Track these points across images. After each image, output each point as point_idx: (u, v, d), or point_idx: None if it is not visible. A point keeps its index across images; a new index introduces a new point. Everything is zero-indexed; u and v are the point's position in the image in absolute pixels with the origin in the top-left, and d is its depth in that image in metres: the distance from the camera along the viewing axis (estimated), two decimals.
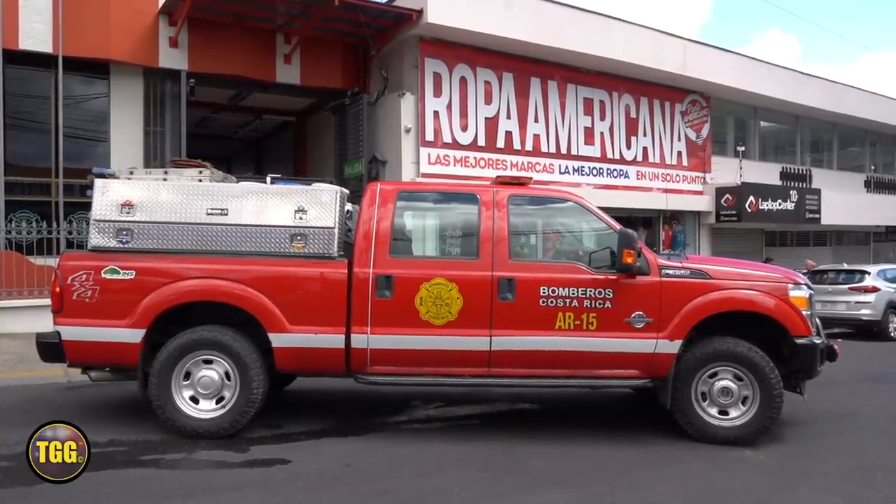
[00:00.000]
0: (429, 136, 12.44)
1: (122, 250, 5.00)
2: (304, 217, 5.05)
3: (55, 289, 5.03)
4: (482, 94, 13.21)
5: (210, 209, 5.03)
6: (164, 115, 11.79)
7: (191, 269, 4.99)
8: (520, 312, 5.01)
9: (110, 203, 5.02)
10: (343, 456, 4.66)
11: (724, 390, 5.05)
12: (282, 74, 12.48)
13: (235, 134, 18.05)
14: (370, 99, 12.90)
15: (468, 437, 5.21)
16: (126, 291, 4.94)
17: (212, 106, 14.48)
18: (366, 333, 4.99)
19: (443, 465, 4.57)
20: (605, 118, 15.05)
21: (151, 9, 11.32)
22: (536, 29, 12.91)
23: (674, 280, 5.09)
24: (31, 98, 11.10)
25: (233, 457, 4.54)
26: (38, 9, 10.52)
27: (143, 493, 3.90)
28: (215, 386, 4.96)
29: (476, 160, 12.97)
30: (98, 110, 11.54)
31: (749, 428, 5.03)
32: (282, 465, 4.43)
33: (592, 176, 14.65)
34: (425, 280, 4.99)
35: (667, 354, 5.04)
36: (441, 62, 12.72)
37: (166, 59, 11.47)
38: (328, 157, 14.28)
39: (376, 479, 4.27)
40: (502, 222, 5.16)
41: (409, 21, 11.92)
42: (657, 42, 15.08)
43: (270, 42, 12.38)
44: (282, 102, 14.69)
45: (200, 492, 3.93)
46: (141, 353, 4.94)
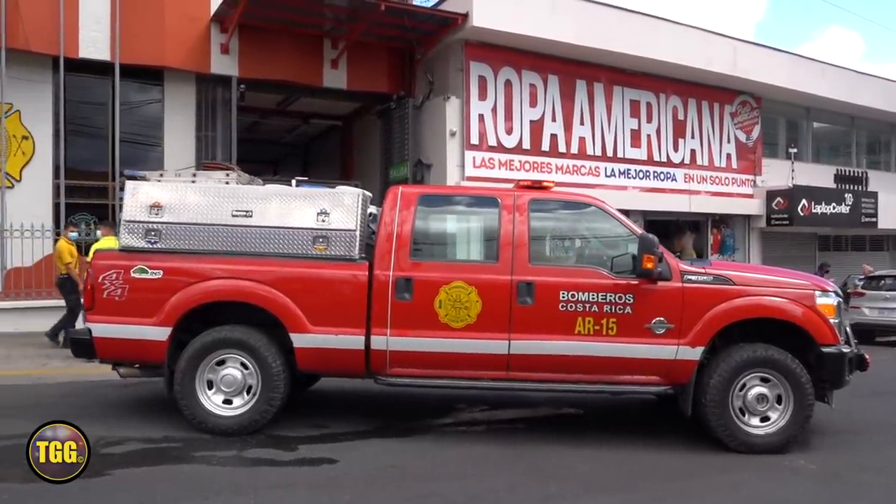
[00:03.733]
0: (474, 140, 12.45)
1: (150, 250, 5.12)
2: (327, 219, 5.11)
3: (87, 287, 5.22)
4: (527, 96, 13.16)
5: (235, 211, 5.13)
6: (216, 120, 12.09)
7: (216, 269, 5.09)
8: (539, 316, 5.00)
9: (140, 204, 5.15)
10: (388, 456, 4.70)
11: (759, 397, 4.93)
12: (329, 79, 12.66)
13: (283, 138, 18.37)
14: (415, 103, 12.98)
15: (513, 441, 5.20)
16: (154, 290, 5.06)
17: (261, 111, 14.76)
18: (385, 335, 5.03)
19: (488, 468, 4.56)
20: (652, 120, 14.82)
21: (204, 16, 11.63)
22: (582, 31, 12.80)
23: (696, 286, 5.02)
24: (90, 105, 11.51)
25: (282, 455, 4.62)
26: (97, 18, 10.91)
27: (195, 488, 4.00)
28: (238, 384, 5.05)
29: (521, 163, 12.92)
30: (153, 116, 11.90)
31: (781, 435, 4.93)
32: (329, 465, 4.48)
33: (639, 179, 14.44)
34: (445, 283, 5.01)
35: (688, 361, 4.95)
36: (486, 65, 12.73)
37: (218, 65, 11.76)
38: (374, 161, 14.42)
39: (422, 480, 4.30)
40: (522, 226, 5.15)
41: (455, 25, 11.97)
42: (706, 42, 14.79)
43: (318, 47, 12.58)
44: (328, 107, 14.89)
45: (250, 489, 4.01)
46: (167, 350, 5.05)
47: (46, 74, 10.80)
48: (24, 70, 10.48)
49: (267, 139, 17.86)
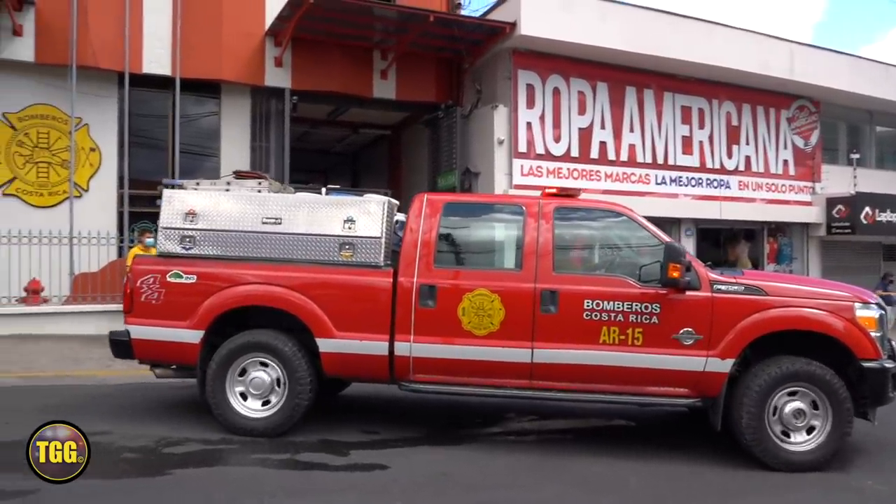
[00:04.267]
0: (521, 148, 12.46)
1: (185, 256, 5.30)
2: (353, 227, 5.20)
3: (127, 290, 5.38)
4: (575, 104, 13.10)
5: (265, 218, 5.28)
6: (269, 131, 12.43)
7: (246, 274, 5.24)
8: (562, 325, 4.95)
9: (176, 212, 5.34)
10: (439, 464, 4.75)
11: (796, 413, 4.78)
12: (378, 90, 12.87)
13: (333, 148, 18.71)
14: (463, 112, 13.08)
15: (563, 452, 5.18)
16: (188, 294, 5.22)
17: (312, 121, 15.09)
18: (409, 342, 5.07)
19: (538, 478, 4.56)
20: (705, 126, 14.54)
21: (259, 31, 11.99)
22: (632, 37, 12.68)
23: (726, 296, 4.89)
24: (152, 117, 11.99)
25: (334, 460, 4.72)
26: (159, 36, 11.38)
27: (251, 490, 4.12)
28: (266, 387, 5.16)
29: (569, 171, 12.86)
30: (210, 127, 12.32)
31: (819, 452, 4.76)
32: (381, 471, 4.56)
33: (691, 186, 14.18)
34: (468, 290, 5.03)
35: (717, 373, 4.82)
36: (534, 73, 12.73)
37: (272, 77, 12.10)
38: (422, 170, 14.57)
39: (472, 488, 4.33)
40: (547, 234, 5.13)
41: (503, 34, 12.02)
42: (762, 46, 14.44)
43: (368, 59, 12.81)
44: (377, 117, 15.13)
45: (304, 492, 4.13)
46: (200, 353, 5.20)
47: (112, 90, 11.32)
48: (92, 86, 11.01)
49: (317, 149, 18.21)
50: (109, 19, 10.99)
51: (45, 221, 10.51)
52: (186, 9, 11.45)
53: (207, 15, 11.56)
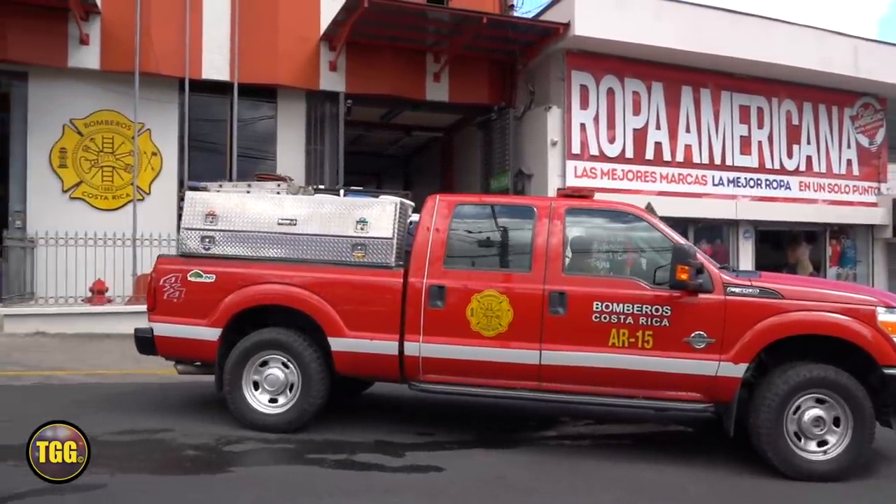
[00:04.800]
0: (575, 149, 12.30)
1: (205, 256, 5.45)
2: (365, 228, 5.29)
3: (150, 289, 5.56)
4: (630, 104, 12.86)
5: (281, 219, 5.40)
6: (324, 134, 12.60)
7: (262, 274, 5.34)
8: (571, 327, 4.90)
9: (197, 213, 5.51)
10: (495, 467, 4.70)
11: (815, 421, 4.61)
12: (431, 92, 12.91)
13: (386, 150, 18.86)
14: (516, 113, 13.00)
15: (619, 457, 5.08)
16: (207, 293, 5.36)
17: (365, 124, 15.24)
18: (418, 342, 5.10)
19: (594, 483, 4.49)
20: (764, 126, 14.08)
21: (314, 36, 12.18)
22: (688, 36, 12.39)
23: (740, 299, 4.76)
24: (210, 122, 12.30)
25: (390, 461, 4.72)
26: (218, 42, 11.68)
27: (309, 489, 4.16)
28: (280, 384, 5.28)
29: (624, 173, 12.63)
30: (266, 131, 12.57)
31: (840, 462, 4.58)
32: (436, 473, 4.55)
33: (749, 188, 13.74)
34: (476, 291, 5.03)
35: (730, 378, 4.69)
36: (588, 74, 12.56)
37: (326, 82, 12.26)
38: (474, 172, 14.54)
39: (529, 493, 4.28)
40: (557, 235, 5.09)
41: (556, 35, 11.90)
42: (823, 42, 13.91)
43: (421, 62, 12.86)
44: (430, 119, 15.18)
45: (361, 492, 4.14)
46: (218, 350, 5.33)
47: (173, 95, 11.66)
48: (154, 92, 11.36)
49: (370, 151, 18.40)
50: (171, 27, 11.33)
51: (110, 223, 10.89)
52: (244, 16, 11.71)
53: (264, 21, 11.80)
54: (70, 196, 11.25)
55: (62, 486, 3.93)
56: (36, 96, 11.12)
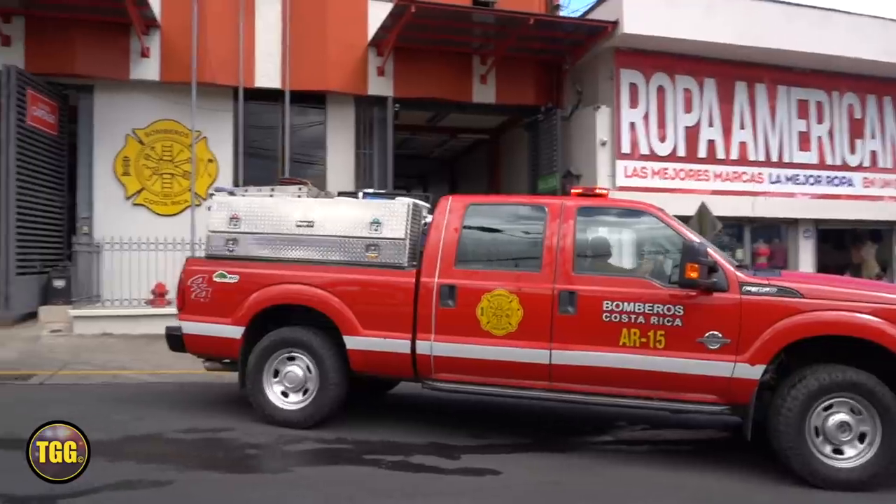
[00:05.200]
0: (625, 149, 12.14)
1: (229, 257, 5.69)
2: (379, 229, 5.41)
3: (179, 289, 5.81)
4: (681, 102, 12.62)
5: (299, 221, 5.58)
6: (373, 138, 12.75)
7: (281, 274, 5.52)
8: (581, 327, 4.87)
9: (222, 216, 5.75)
10: (551, 472, 4.70)
11: (840, 426, 4.43)
12: (478, 94, 12.93)
13: (432, 153, 18.98)
14: (564, 114, 12.90)
15: (677, 463, 5.00)
16: (231, 293, 5.58)
17: (412, 128, 15.36)
18: (430, 341, 5.17)
19: (653, 490, 4.43)
20: (824, 121, 13.62)
21: (362, 42, 12.33)
22: (742, 30, 12.07)
23: (756, 298, 4.63)
24: (263, 129, 12.57)
25: (446, 463, 4.77)
26: (270, 51, 11.94)
27: (368, 489, 4.23)
28: (299, 381, 5.45)
29: (675, 172, 12.40)
30: (316, 136, 12.78)
31: (867, 470, 4.39)
32: (493, 476, 4.56)
33: (808, 185, 13.31)
34: (487, 291, 5.05)
35: (746, 380, 4.57)
36: (637, 72, 12.38)
37: (374, 87, 12.40)
38: (521, 173, 14.50)
39: (587, 498, 4.27)
40: (568, 234, 5.07)
41: (605, 33, 11.77)
42: (887, 32, 13.35)
43: (467, 64, 12.89)
44: (476, 121, 15.20)
45: (419, 494, 4.19)
46: (241, 348, 5.51)
47: (228, 104, 11.97)
48: (210, 101, 11.69)
49: (417, 155, 18.54)
50: (226, 38, 11.65)
51: (169, 228, 11.24)
52: (295, 25, 11.95)
53: (314, 29, 12.01)
54: (133, 203, 11.67)
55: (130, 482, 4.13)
56: (101, 108, 11.58)
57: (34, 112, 10.52)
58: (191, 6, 11.34)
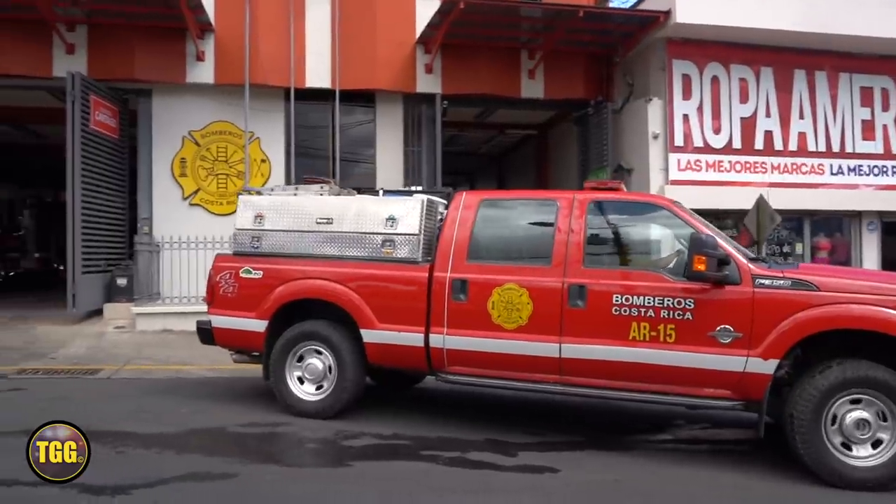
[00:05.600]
0: (678, 142, 11.87)
1: (254, 254, 5.91)
2: (394, 225, 5.54)
3: (209, 284, 6.07)
4: (737, 92, 12.27)
5: (319, 218, 5.76)
6: (421, 136, 12.80)
7: (302, 270, 5.72)
8: (590, 320, 4.88)
9: (248, 214, 5.99)
10: (610, 470, 4.64)
11: (859, 423, 4.30)
12: (526, 90, 12.83)
13: (479, 150, 18.95)
14: (614, 107, 12.70)
15: (741, 464, 4.87)
16: (255, 288, 5.80)
17: (459, 124, 15.36)
18: (442, 334, 5.25)
19: (717, 491, 4.34)
20: (889, 108, 13.03)
21: (410, 40, 12.38)
22: (801, 16, 11.64)
23: (769, 291, 4.54)
24: (314, 128, 12.76)
25: (503, 460, 4.76)
26: (320, 52, 12.10)
27: (427, 485, 4.27)
28: (319, 373, 5.63)
29: (731, 164, 12.07)
30: (366, 135, 12.90)
31: (888, 469, 4.27)
32: (551, 473, 4.53)
33: (873, 175, 12.77)
34: (497, 285, 5.10)
35: (759, 375, 4.48)
36: (690, 62, 12.09)
37: (423, 84, 12.44)
38: (571, 168, 14.34)
39: (648, 498, 4.19)
40: (579, 228, 5.08)
41: (656, 24, 11.53)
42: None
43: (515, 59, 12.81)
44: (524, 116, 15.10)
45: (479, 491, 4.19)
46: (266, 341, 5.73)
47: (279, 104, 12.19)
48: (262, 102, 11.93)
49: (465, 151, 18.53)
50: (277, 40, 11.85)
51: (225, 228, 11.42)
52: (344, 25, 12.08)
53: (362, 29, 12.12)
54: (189, 203, 12.00)
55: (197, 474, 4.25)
56: (159, 111, 11.94)
57: (97, 116, 10.92)
58: (243, 9, 11.58)
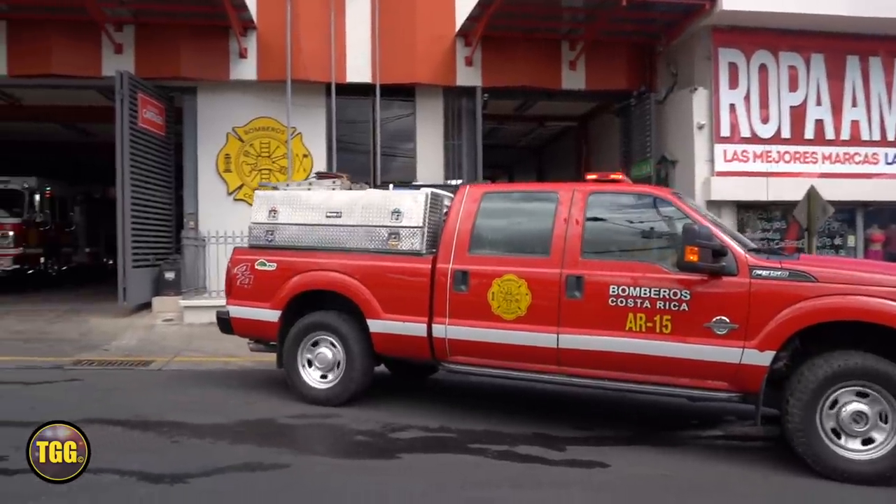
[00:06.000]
0: (724, 132, 11.59)
1: (269, 247, 6.14)
2: (399, 218, 5.69)
3: (227, 277, 6.33)
4: (786, 80, 11.90)
5: (328, 213, 5.94)
6: (461, 129, 12.77)
7: (312, 262, 5.91)
8: (588, 311, 4.93)
9: (263, 209, 6.22)
10: (659, 465, 4.58)
11: (855, 416, 4.25)
12: (567, 81, 12.69)
13: (518, 142, 18.85)
14: (658, 97, 12.46)
15: (794, 461, 4.73)
16: (270, 280, 6.02)
17: (499, 117, 15.28)
18: (444, 324, 5.36)
19: (770, 488, 4.25)
20: None
21: (449, 33, 12.35)
22: (855, 0, 11.25)
23: (766, 282, 4.51)
24: (354, 123, 12.84)
25: (552, 454, 4.73)
26: (360, 47, 12.16)
27: (477, 478, 4.26)
28: (329, 362, 5.84)
29: (780, 154, 11.74)
30: (406, 129, 12.94)
31: (886, 462, 4.20)
32: (601, 468, 4.49)
33: None
34: (497, 276, 5.19)
35: (755, 366, 4.47)
36: (737, 50, 11.78)
37: (463, 77, 12.40)
38: (612, 160, 14.13)
39: (699, 493, 4.12)
40: (577, 220, 5.13)
41: (702, 11, 11.25)
42: None
43: (556, 50, 12.68)
44: (564, 108, 14.95)
45: (528, 484, 4.17)
46: (279, 330, 5.95)
47: (321, 100, 12.30)
48: (304, 97, 12.06)
49: (504, 144, 18.47)
50: (318, 36, 11.95)
51: None
52: (384, 19, 12.11)
53: (402, 23, 12.13)
54: (234, 198, 12.21)
55: (250, 464, 4.33)
56: (203, 108, 12.18)
57: (145, 114, 11.18)
58: (285, 6, 11.70)
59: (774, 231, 11.92)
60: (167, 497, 3.85)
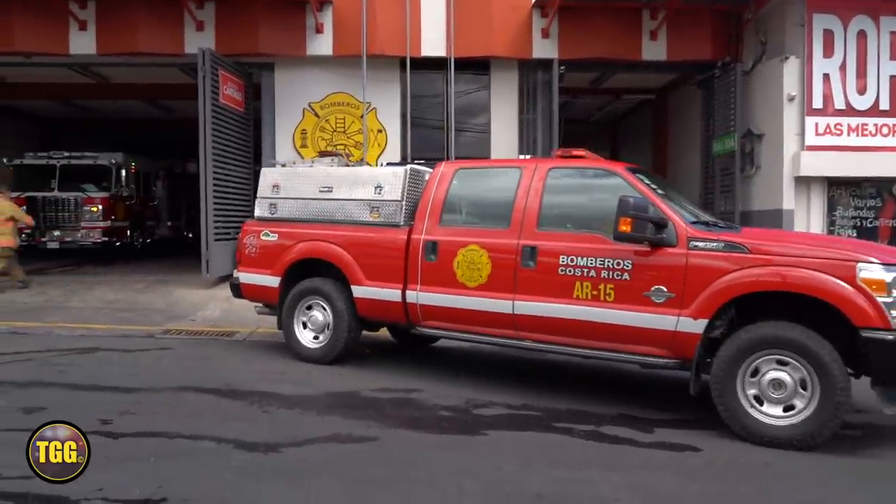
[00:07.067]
0: (816, 104, 10.94)
1: (272, 219, 6.75)
2: (380, 192, 6.18)
3: (237, 246, 6.97)
4: (886, 48, 11.10)
5: (321, 188, 6.49)
6: (536, 103, 12.53)
7: (307, 233, 6.49)
8: (540, 279, 5.25)
9: (267, 185, 6.84)
10: (757, 452, 4.38)
11: (775, 383, 4.43)
12: (647, 52, 12.22)
13: (592, 116, 18.38)
14: (744, 68, 11.86)
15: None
16: (272, 249, 6.65)
17: (573, 91, 14.88)
18: (416, 291, 5.83)
19: (880, 475, 4.02)
20: None
21: (526, 4, 12.08)
22: None
23: (702, 252, 4.70)
24: (428, 98, 12.78)
25: (639, 436, 4.63)
26: (435, 20, 12.04)
27: (564, 458, 4.21)
28: (320, 324, 6.43)
29: (877, 128, 11.00)
30: (480, 103, 12.78)
31: (806, 427, 4.32)
32: (692, 452, 4.37)
33: None
34: (462, 246, 5.61)
35: (690, 334, 4.67)
36: (833, 16, 11.06)
37: (539, 49, 12.13)
38: (692, 135, 13.64)
39: (799, 484, 3.95)
40: (536, 193, 5.44)
41: None
42: None
43: (636, 20, 12.21)
44: (641, 80, 14.45)
45: (618, 466, 4.09)
46: (280, 295, 6.56)
47: (395, 74, 12.29)
48: (379, 72, 12.07)
49: (577, 118, 18.02)
50: (393, 10, 11.90)
51: None
52: None
53: None
54: None
55: (340, 435, 4.40)
56: (280, 84, 12.37)
57: (225, 91, 11.44)
58: None
59: (868, 209, 11.25)
60: (262, 465, 3.96)
